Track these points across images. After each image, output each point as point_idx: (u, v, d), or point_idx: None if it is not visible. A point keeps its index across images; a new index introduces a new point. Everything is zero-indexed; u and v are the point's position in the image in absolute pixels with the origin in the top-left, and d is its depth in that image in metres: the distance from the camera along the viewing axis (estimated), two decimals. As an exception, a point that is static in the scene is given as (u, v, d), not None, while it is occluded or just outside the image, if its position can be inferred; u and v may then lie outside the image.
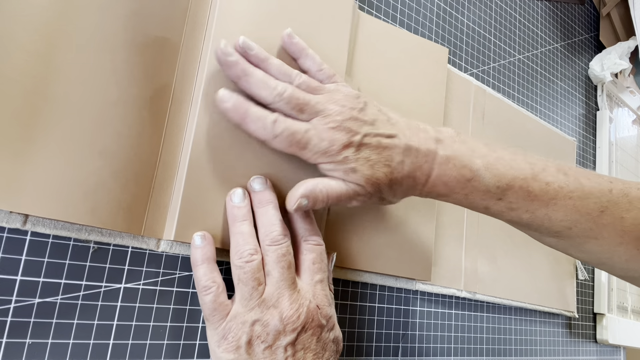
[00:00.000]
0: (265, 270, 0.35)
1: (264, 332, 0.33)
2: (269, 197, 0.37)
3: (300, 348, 0.33)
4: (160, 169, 0.36)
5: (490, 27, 0.73)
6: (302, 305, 0.34)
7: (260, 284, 0.34)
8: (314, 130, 0.35)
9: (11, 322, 0.30)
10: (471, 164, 0.37)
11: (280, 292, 0.34)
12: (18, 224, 0.31)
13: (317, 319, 0.35)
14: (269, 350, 0.33)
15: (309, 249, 0.37)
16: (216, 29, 0.38)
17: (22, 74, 0.30)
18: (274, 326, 0.33)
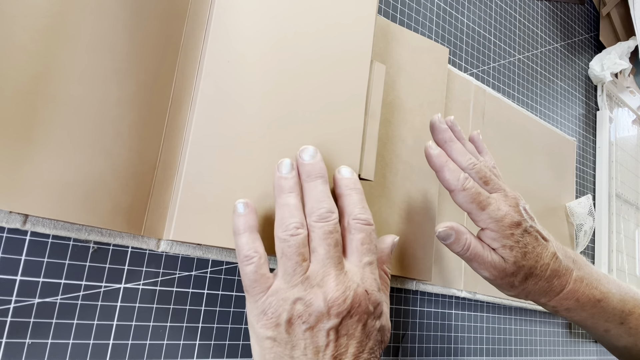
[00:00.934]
0: (310, 247, 0.32)
1: (305, 312, 0.31)
2: (319, 170, 0.35)
3: (343, 334, 0.31)
4: (160, 169, 0.36)
5: (490, 27, 0.73)
6: (349, 288, 0.31)
7: (305, 259, 0.32)
8: (495, 200, 0.41)
9: (11, 322, 0.30)
10: (601, 287, 0.44)
11: (326, 271, 0.31)
12: (18, 224, 0.31)
13: (364, 304, 0.32)
14: (310, 332, 0.30)
15: (358, 228, 0.34)
16: (216, 29, 0.38)
17: (22, 74, 0.30)
18: (317, 307, 0.30)
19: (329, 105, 0.42)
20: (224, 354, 0.39)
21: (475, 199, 0.40)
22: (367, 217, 0.35)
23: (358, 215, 0.35)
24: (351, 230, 0.34)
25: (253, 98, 0.39)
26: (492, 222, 0.40)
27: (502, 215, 0.40)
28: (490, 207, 0.40)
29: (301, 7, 0.42)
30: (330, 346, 0.30)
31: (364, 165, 0.44)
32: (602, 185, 0.90)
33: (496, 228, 0.40)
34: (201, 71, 0.37)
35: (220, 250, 0.40)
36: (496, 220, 0.40)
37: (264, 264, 0.32)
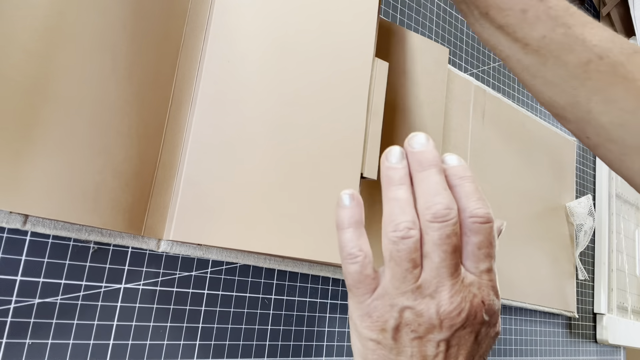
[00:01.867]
0: (423, 251, 0.29)
1: (415, 321, 0.28)
2: (433, 158, 0.29)
3: (454, 344, 0.28)
4: (160, 169, 0.36)
5: (490, 27, 0.73)
6: (465, 300, 0.28)
7: (416, 266, 0.29)
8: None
9: (11, 322, 0.30)
10: None
11: (440, 282, 0.28)
12: (18, 224, 0.31)
13: (480, 316, 0.29)
14: (418, 341, 0.28)
15: (475, 229, 0.29)
16: (216, 29, 0.38)
17: (22, 74, 0.30)
18: (428, 318, 0.28)
19: (331, 103, 0.42)
20: (224, 354, 0.39)
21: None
22: (485, 213, 0.29)
23: (474, 211, 0.29)
24: (467, 231, 0.29)
25: (253, 98, 0.39)
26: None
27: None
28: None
29: (302, 6, 0.42)
30: (439, 356, 0.28)
31: (366, 164, 0.44)
32: (602, 185, 0.90)
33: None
34: (201, 71, 0.37)
35: (220, 251, 0.40)
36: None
37: (369, 264, 0.30)
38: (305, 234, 0.39)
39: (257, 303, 0.42)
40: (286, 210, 0.39)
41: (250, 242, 0.37)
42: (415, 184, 0.31)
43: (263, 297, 0.43)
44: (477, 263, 0.29)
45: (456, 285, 0.28)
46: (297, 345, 0.44)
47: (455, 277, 0.28)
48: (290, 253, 0.39)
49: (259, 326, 0.42)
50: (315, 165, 0.41)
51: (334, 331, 0.47)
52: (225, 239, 0.37)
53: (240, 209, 0.37)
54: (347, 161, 0.42)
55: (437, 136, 0.56)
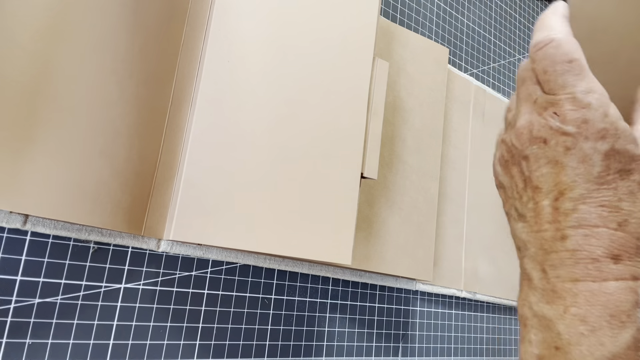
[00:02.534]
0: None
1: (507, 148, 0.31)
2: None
3: (539, 160, 0.29)
4: (160, 169, 0.36)
5: (490, 27, 0.73)
6: (533, 116, 0.29)
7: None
8: None
9: (11, 322, 0.30)
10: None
11: (517, 110, 0.30)
12: (18, 224, 0.31)
13: (554, 125, 0.29)
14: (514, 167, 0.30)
15: (534, 58, 0.28)
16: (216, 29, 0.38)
17: (22, 74, 0.30)
18: (510, 140, 0.30)
19: (331, 103, 0.42)
20: (224, 354, 0.39)
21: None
22: (539, 39, 0.27)
23: (532, 43, 0.28)
24: (532, 66, 0.28)
25: (253, 98, 0.39)
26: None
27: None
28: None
29: (301, 6, 0.42)
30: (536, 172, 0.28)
31: (366, 164, 0.44)
32: (602, 185, 0.90)
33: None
34: (201, 71, 0.37)
35: (220, 250, 0.40)
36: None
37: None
38: (305, 234, 0.39)
39: (257, 303, 0.42)
40: (286, 210, 0.39)
41: (250, 242, 0.37)
42: None
43: (263, 297, 0.43)
44: (549, 85, 0.28)
45: (527, 108, 0.28)
46: (297, 345, 0.44)
47: (528, 102, 0.28)
48: (290, 253, 0.39)
49: (259, 326, 0.42)
50: (315, 165, 0.41)
51: (334, 331, 0.47)
52: (225, 239, 0.37)
53: (240, 209, 0.37)
54: (347, 161, 0.42)
55: (437, 136, 0.56)
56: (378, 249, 0.48)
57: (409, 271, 0.50)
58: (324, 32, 0.43)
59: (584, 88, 0.26)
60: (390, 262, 0.49)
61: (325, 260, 0.40)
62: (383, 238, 0.48)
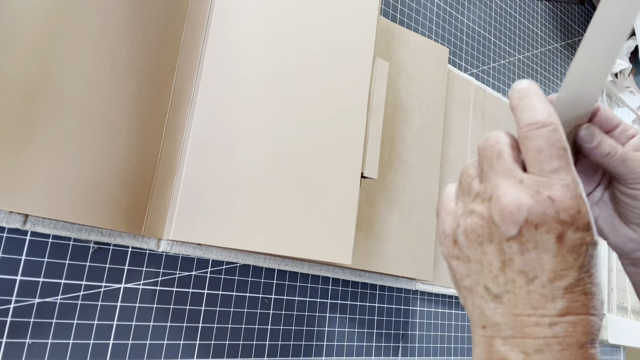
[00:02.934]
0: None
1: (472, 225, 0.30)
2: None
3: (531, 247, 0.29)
4: (160, 169, 0.36)
5: (490, 27, 0.73)
6: (525, 196, 0.29)
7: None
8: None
9: (11, 322, 0.30)
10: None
11: (494, 184, 0.30)
12: (18, 224, 0.31)
13: (549, 212, 0.29)
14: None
15: (530, 136, 0.29)
16: (216, 29, 0.38)
17: (22, 74, 0.30)
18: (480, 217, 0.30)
19: (331, 103, 0.42)
20: (224, 354, 0.39)
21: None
22: (538, 119, 0.28)
23: (527, 120, 0.28)
24: (523, 141, 0.28)
25: (253, 98, 0.39)
26: None
27: None
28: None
29: (302, 6, 0.42)
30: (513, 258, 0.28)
31: (366, 164, 0.44)
32: (602, 185, 0.90)
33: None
34: (201, 71, 0.37)
35: (220, 250, 0.40)
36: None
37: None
38: (305, 233, 0.39)
39: (257, 303, 0.42)
40: (286, 210, 0.39)
41: (250, 242, 0.37)
42: None
43: (263, 297, 0.43)
44: (540, 165, 0.28)
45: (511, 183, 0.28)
46: (297, 345, 0.44)
47: (509, 178, 0.28)
48: (290, 253, 0.39)
49: (259, 326, 0.42)
50: (316, 165, 0.41)
51: (334, 331, 0.47)
52: (225, 238, 0.37)
53: (240, 209, 0.37)
54: (347, 160, 0.42)
55: (437, 136, 0.56)
56: (378, 249, 0.48)
57: (409, 271, 0.50)
58: (323, 32, 0.43)
59: (575, 179, 0.27)
60: (390, 262, 0.49)
61: (325, 260, 0.40)
62: (383, 238, 0.48)
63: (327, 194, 0.41)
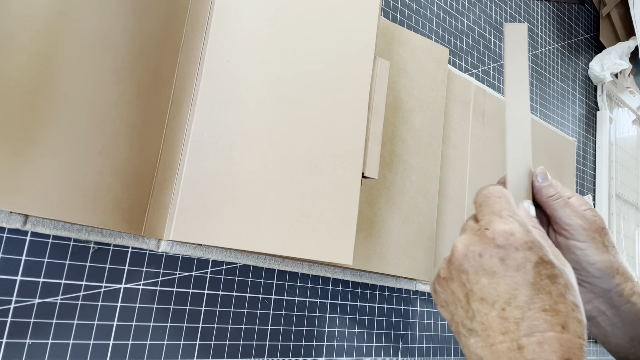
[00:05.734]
0: None
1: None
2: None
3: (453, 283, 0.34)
4: (160, 169, 0.36)
5: (490, 27, 0.73)
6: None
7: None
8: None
9: (11, 322, 0.30)
10: None
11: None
12: (18, 224, 0.31)
13: (458, 254, 0.33)
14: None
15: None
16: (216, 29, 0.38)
17: (22, 74, 0.30)
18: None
19: (332, 103, 0.42)
20: (224, 354, 0.39)
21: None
22: (480, 191, 0.35)
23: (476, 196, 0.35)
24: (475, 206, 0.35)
25: (253, 98, 0.39)
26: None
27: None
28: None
29: (302, 5, 0.42)
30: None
31: (367, 164, 0.44)
32: (602, 185, 0.90)
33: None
34: (201, 71, 0.37)
35: (220, 251, 0.40)
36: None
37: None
38: (305, 234, 0.39)
39: (257, 303, 0.42)
40: (286, 210, 0.39)
41: (250, 242, 0.37)
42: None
43: (263, 297, 0.43)
44: (482, 213, 0.33)
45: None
46: (297, 345, 0.44)
47: (463, 232, 0.33)
48: (290, 253, 0.39)
49: (259, 326, 0.42)
50: (316, 165, 0.41)
51: (334, 331, 0.47)
52: (225, 239, 0.37)
53: (240, 209, 0.37)
54: (348, 160, 0.42)
55: (437, 136, 0.56)
56: (378, 249, 0.48)
57: (409, 271, 0.50)
58: (324, 32, 0.43)
59: (510, 212, 0.31)
60: (390, 262, 0.49)
61: (326, 260, 0.40)
62: (383, 238, 0.48)
63: (328, 194, 0.41)
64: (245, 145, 0.38)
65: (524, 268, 0.29)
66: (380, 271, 0.48)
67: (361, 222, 0.47)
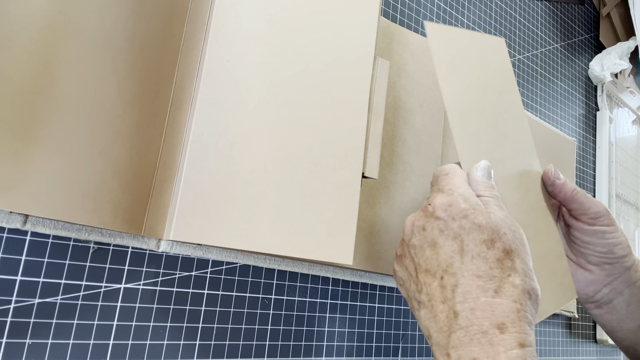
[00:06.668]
0: None
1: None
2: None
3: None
4: (160, 169, 0.36)
5: (490, 27, 0.73)
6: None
7: None
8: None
9: (11, 322, 0.30)
10: None
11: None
12: (18, 224, 0.31)
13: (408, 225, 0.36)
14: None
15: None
16: (216, 29, 0.38)
17: (22, 74, 0.30)
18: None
19: (332, 103, 0.42)
20: (224, 354, 0.39)
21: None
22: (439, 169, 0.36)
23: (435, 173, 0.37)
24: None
25: (253, 98, 0.39)
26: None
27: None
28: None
29: (302, 5, 0.42)
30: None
31: (367, 164, 0.44)
32: (602, 185, 0.90)
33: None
34: (201, 71, 0.37)
35: (220, 251, 0.40)
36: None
37: None
38: (305, 234, 0.39)
39: (257, 303, 0.42)
40: (286, 210, 0.39)
41: (250, 242, 0.37)
42: None
43: (263, 297, 0.43)
44: (431, 191, 0.36)
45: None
46: (297, 345, 0.44)
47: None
48: (290, 253, 0.39)
49: (259, 326, 0.42)
50: (316, 165, 0.41)
51: (334, 331, 0.47)
52: (225, 239, 0.37)
53: (240, 209, 0.37)
54: (348, 160, 0.42)
55: (437, 136, 0.56)
56: (378, 249, 0.48)
57: (409, 271, 0.50)
58: (324, 32, 0.43)
59: (452, 185, 0.33)
60: (390, 262, 0.49)
61: (326, 260, 0.40)
62: (383, 238, 0.48)
63: (328, 193, 0.41)
64: (245, 145, 0.38)
65: (460, 236, 0.30)
66: (380, 271, 0.48)
67: (361, 222, 0.47)
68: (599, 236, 0.39)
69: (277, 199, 0.38)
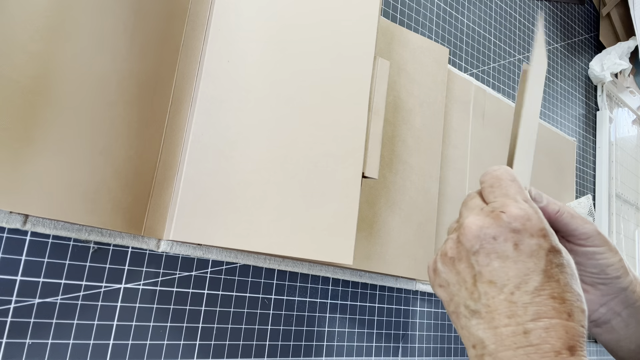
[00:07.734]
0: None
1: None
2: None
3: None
4: (160, 169, 0.36)
5: (490, 27, 0.73)
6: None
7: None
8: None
9: (11, 322, 0.30)
10: None
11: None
12: (18, 224, 0.31)
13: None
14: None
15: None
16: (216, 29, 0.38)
17: (22, 74, 0.30)
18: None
19: (332, 103, 0.42)
20: (224, 354, 0.39)
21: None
22: (487, 169, 0.34)
23: (484, 176, 0.35)
24: (481, 187, 0.35)
25: (253, 98, 0.39)
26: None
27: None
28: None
29: (302, 6, 0.42)
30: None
31: (367, 164, 0.44)
32: (602, 185, 0.90)
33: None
34: (201, 71, 0.37)
35: (220, 251, 0.40)
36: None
37: None
38: (305, 234, 0.39)
39: (257, 303, 0.42)
40: (286, 210, 0.39)
41: (250, 242, 0.37)
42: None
43: (263, 297, 0.43)
44: (493, 195, 0.33)
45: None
46: (297, 345, 0.44)
47: (473, 210, 0.33)
48: (291, 253, 0.39)
49: (259, 326, 0.42)
50: (316, 165, 0.41)
51: (334, 331, 0.47)
52: (225, 239, 0.37)
53: (240, 209, 0.37)
54: (348, 160, 0.42)
55: (437, 136, 0.56)
56: (378, 249, 0.48)
57: (409, 271, 0.50)
58: (324, 32, 0.43)
59: (524, 197, 0.31)
60: (390, 262, 0.49)
61: (326, 260, 0.40)
62: (383, 238, 0.48)
63: (328, 193, 0.41)
64: (245, 145, 0.38)
65: (537, 255, 0.29)
66: (380, 271, 0.48)
67: (361, 222, 0.47)
68: (589, 257, 0.39)
69: (277, 199, 0.38)
